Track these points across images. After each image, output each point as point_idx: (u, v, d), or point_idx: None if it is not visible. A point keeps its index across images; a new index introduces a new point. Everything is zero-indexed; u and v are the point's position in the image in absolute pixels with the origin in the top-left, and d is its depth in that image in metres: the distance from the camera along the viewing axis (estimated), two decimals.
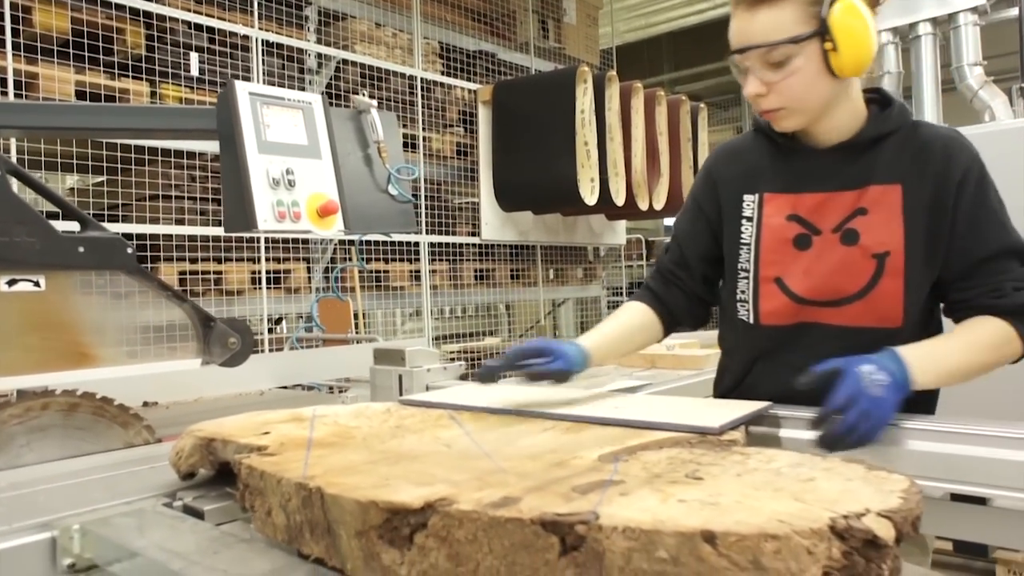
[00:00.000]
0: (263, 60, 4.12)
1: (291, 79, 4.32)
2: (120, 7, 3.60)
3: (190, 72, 3.84)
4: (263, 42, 4.13)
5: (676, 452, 0.84)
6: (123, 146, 3.54)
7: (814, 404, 1.05)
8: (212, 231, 3.80)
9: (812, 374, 1.04)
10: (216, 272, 3.90)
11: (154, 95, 3.72)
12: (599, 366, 1.33)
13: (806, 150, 1.28)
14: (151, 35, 3.75)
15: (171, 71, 3.76)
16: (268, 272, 4.12)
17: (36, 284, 1.31)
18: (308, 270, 4.45)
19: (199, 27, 3.87)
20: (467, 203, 5.35)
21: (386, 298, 4.83)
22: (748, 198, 1.31)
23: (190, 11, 3.85)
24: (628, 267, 8.52)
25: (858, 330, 1.22)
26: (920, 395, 1.13)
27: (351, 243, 4.40)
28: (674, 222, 1.52)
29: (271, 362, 2.31)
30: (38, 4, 3.32)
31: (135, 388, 1.76)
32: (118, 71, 3.61)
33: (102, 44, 3.54)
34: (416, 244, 4.95)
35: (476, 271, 5.42)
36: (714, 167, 1.41)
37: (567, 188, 4.76)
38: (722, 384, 1.47)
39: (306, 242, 4.43)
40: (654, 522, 0.58)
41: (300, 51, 4.45)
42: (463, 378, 1.64)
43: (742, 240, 1.31)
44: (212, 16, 3.94)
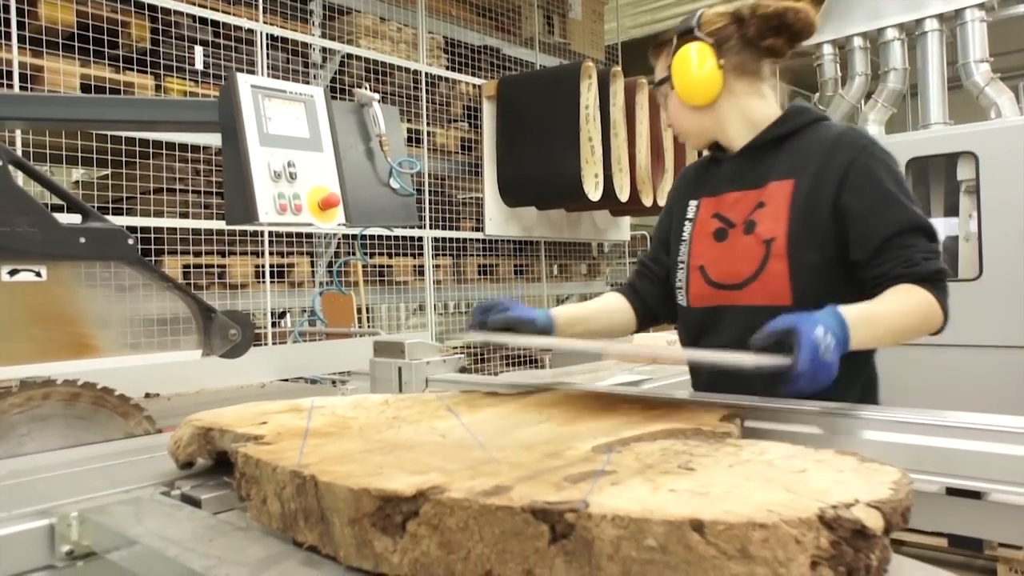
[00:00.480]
0: (267, 54, 4.12)
1: (295, 73, 4.33)
2: (125, 0, 3.61)
3: (195, 66, 3.85)
4: (267, 36, 4.13)
5: (670, 444, 0.84)
6: (128, 139, 3.55)
7: (744, 383, 1.15)
8: (216, 224, 3.81)
9: (765, 332, 1.11)
10: (220, 266, 3.91)
11: (159, 88, 3.73)
12: (563, 336, 1.47)
13: (726, 158, 1.50)
14: (156, 28, 3.76)
15: (176, 65, 3.77)
16: (272, 266, 4.13)
17: (38, 274, 1.32)
18: (312, 264, 4.46)
19: (204, 21, 3.88)
20: (471, 198, 5.35)
21: (390, 293, 4.83)
22: (692, 203, 1.53)
23: (195, 5, 3.86)
24: (632, 263, 8.51)
25: (756, 308, 1.35)
26: (860, 383, 1.34)
27: (354, 237, 4.40)
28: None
29: (273, 355, 2.32)
30: None
31: (137, 379, 1.77)
32: (123, 64, 3.63)
33: (107, 37, 3.55)
34: (420, 239, 4.95)
35: (480, 266, 5.43)
36: (679, 179, 1.66)
37: (571, 184, 4.76)
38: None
39: (310, 236, 4.43)
40: (643, 511, 0.58)
41: (305, 45, 4.45)
42: (463, 371, 1.64)
43: (683, 237, 1.51)
44: (217, 10, 3.94)
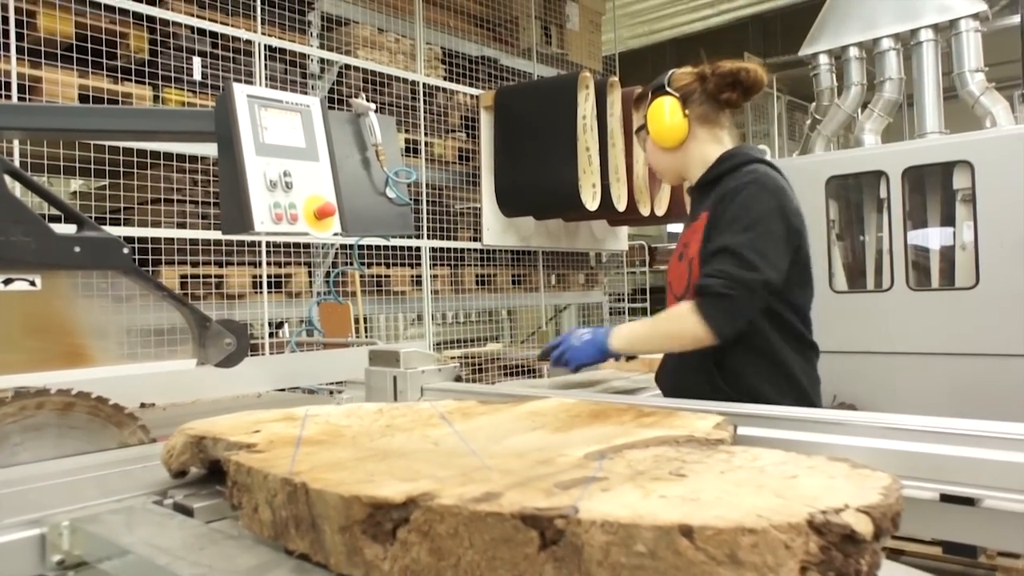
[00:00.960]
0: (266, 65, 4.14)
1: (293, 84, 4.34)
2: (124, 12, 3.62)
3: (193, 77, 3.86)
4: (266, 47, 4.15)
5: (662, 451, 0.84)
6: (126, 150, 3.56)
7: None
8: (214, 235, 3.82)
9: (545, 345, 1.73)
10: (218, 276, 3.91)
11: (157, 99, 3.74)
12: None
13: (691, 192, 1.84)
14: (154, 40, 3.78)
15: (174, 76, 3.78)
16: (269, 276, 4.13)
17: (32, 283, 1.32)
18: (309, 275, 4.46)
19: (202, 32, 3.90)
20: (469, 208, 5.36)
21: (388, 303, 4.83)
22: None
23: (193, 16, 3.87)
24: (631, 273, 8.52)
25: None
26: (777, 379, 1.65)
27: (352, 247, 4.41)
28: None
29: (269, 365, 2.31)
30: (42, 8, 3.34)
31: (132, 389, 1.76)
32: (121, 75, 3.64)
33: (106, 48, 3.56)
34: (417, 249, 4.96)
35: (478, 276, 5.43)
36: None
37: (569, 193, 4.76)
38: None
39: (307, 246, 4.44)
40: (633, 516, 0.58)
41: (303, 56, 4.47)
42: (458, 379, 1.64)
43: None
44: (215, 21, 3.96)
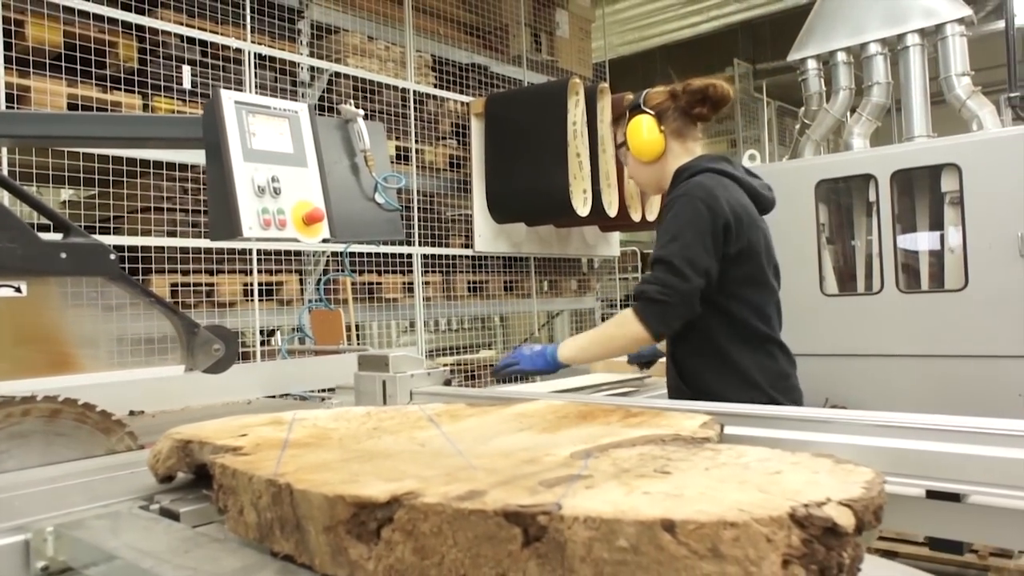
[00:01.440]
0: (255, 73, 4.14)
1: (283, 92, 4.34)
2: (113, 20, 3.62)
3: (182, 85, 3.86)
4: (255, 55, 4.15)
5: (648, 449, 0.84)
6: (116, 158, 3.54)
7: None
8: (204, 243, 3.80)
9: (498, 363, 1.88)
10: (208, 284, 3.90)
11: (146, 108, 3.74)
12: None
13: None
14: (144, 48, 3.77)
15: (163, 84, 3.78)
16: (260, 284, 4.12)
17: (17, 290, 1.31)
18: (301, 282, 4.45)
19: (191, 40, 3.89)
20: (460, 215, 5.36)
21: (380, 310, 4.82)
22: None
23: (183, 24, 3.87)
24: (623, 279, 8.54)
25: None
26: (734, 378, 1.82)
27: (342, 254, 4.40)
28: None
29: (259, 371, 2.31)
30: (31, 17, 3.33)
31: (120, 397, 1.75)
32: (110, 84, 3.63)
33: (95, 57, 3.55)
34: (409, 256, 4.95)
35: (469, 283, 5.42)
36: None
37: (560, 200, 4.77)
38: None
39: (299, 254, 4.43)
40: (615, 512, 0.58)
41: (293, 64, 4.47)
42: (447, 383, 1.64)
43: None
44: (205, 29, 3.96)
